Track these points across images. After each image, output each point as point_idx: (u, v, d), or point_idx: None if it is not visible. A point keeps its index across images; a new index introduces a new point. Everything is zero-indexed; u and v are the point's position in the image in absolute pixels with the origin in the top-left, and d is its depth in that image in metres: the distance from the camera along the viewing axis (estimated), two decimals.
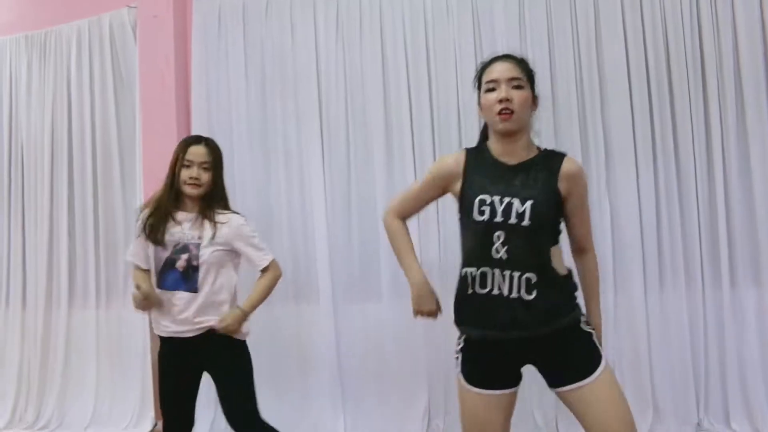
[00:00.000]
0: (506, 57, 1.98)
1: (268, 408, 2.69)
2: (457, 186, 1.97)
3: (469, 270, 1.90)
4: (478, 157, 1.97)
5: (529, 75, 1.96)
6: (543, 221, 1.87)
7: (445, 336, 3.61)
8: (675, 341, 3.48)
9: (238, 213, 2.59)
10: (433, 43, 3.80)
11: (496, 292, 1.86)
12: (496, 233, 1.86)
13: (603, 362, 1.88)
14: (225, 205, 2.57)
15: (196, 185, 2.47)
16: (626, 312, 3.50)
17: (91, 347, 4.25)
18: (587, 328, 1.93)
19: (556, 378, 1.91)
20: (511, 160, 1.92)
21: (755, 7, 3.49)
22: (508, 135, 1.91)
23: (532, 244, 1.86)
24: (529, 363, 1.95)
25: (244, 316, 2.49)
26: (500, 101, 1.87)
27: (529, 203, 1.85)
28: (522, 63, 1.97)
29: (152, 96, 4.06)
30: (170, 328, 2.47)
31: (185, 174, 2.47)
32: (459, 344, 1.99)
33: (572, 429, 3.11)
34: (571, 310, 1.91)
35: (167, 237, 2.44)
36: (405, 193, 2.15)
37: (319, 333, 3.83)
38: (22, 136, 4.47)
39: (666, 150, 3.54)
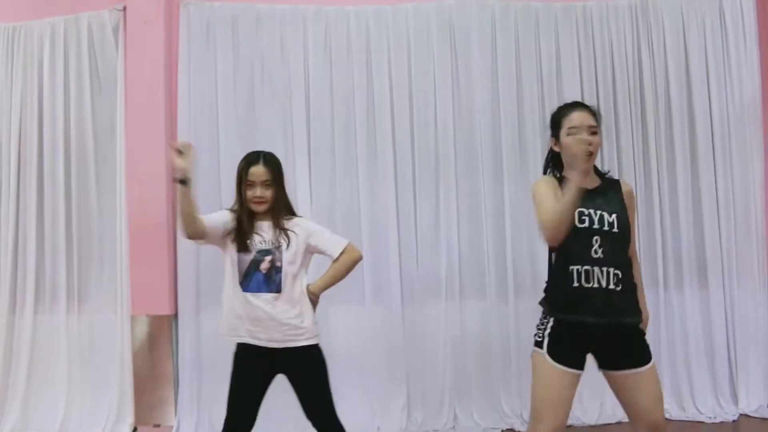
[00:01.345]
0: (583, 106, 2.45)
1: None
2: None
3: (575, 267, 2.31)
4: (563, 183, 2.40)
5: (599, 122, 2.44)
6: (626, 229, 2.36)
7: (421, 335, 4.05)
8: None
9: (300, 216, 2.79)
10: (414, 64, 4.18)
11: (596, 285, 2.30)
12: (595, 237, 2.31)
13: (653, 359, 2.36)
14: (291, 212, 2.76)
15: (261, 203, 2.65)
16: None
17: (62, 352, 4.15)
18: (643, 329, 2.43)
19: (615, 362, 2.35)
20: (589, 186, 2.38)
21: (681, 56, 4.23)
22: (586, 171, 2.34)
23: (620, 247, 2.34)
24: (592, 351, 2.38)
25: (315, 298, 2.65)
26: (588, 143, 2.29)
27: (615, 215, 2.34)
28: (596, 112, 2.45)
29: (139, 100, 4.08)
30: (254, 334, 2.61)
31: (250, 194, 2.65)
32: (545, 326, 2.38)
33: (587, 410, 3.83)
34: (638, 310, 2.39)
35: (250, 243, 2.62)
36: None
37: None
38: None
39: (611, 169, 4.15)
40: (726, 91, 4.21)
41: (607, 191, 2.42)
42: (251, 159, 2.71)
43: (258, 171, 2.66)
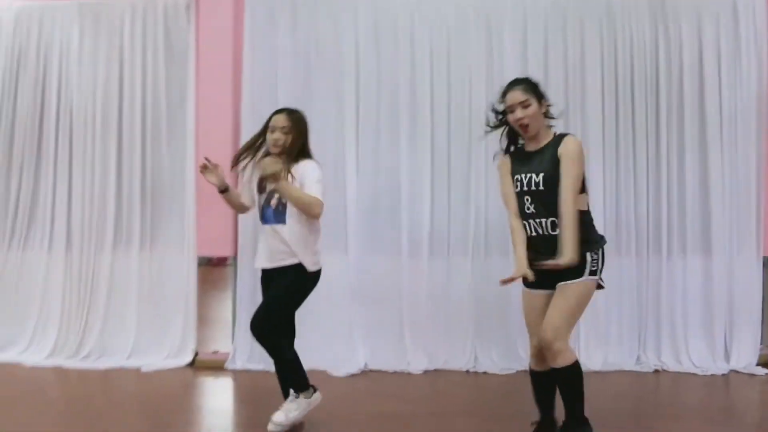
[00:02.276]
0: (516, 84, 2.91)
1: (302, 339, 3.48)
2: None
3: (522, 221, 2.91)
4: (517, 154, 2.96)
5: (535, 90, 2.90)
6: (553, 184, 2.78)
7: (450, 285, 4.58)
8: (625, 295, 4.58)
9: (314, 161, 3.29)
10: (453, 50, 4.70)
11: (534, 233, 2.85)
12: (526, 197, 2.85)
13: (579, 278, 2.77)
14: (306, 156, 3.27)
15: (276, 146, 3.21)
16: None
17: (134, 287, 4.80)
18: (589, 257, 2.82)
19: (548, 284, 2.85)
20: (534, 148, 2.91)
21: (695, 50, 4.67)
22: (531, 137, 2.90)
23: (551, 200, 2.78)
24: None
25: (278, 179, 3.09)
26: (518, 120, 2.85)
27: (542, 175, 2.80)
28: (528, 84, 2.90)
29: (208, 70, 4.70)
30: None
31: (270, 137, 3.23)
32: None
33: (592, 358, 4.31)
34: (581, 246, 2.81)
35: (265, 183, 3.22)
36: (503, 197, 3.00)
37: (346, 279, 4.62)
38: (72, 97, 4.88)
39: (626, 153, 4.65)
40: (736, 83, 4.64)
41: (546, 151, 2.85)
42: (277, 110, 3.30)
43: (279, 118, 3.23)
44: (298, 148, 3.24)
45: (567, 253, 2.72)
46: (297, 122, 3.26)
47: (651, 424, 3.47)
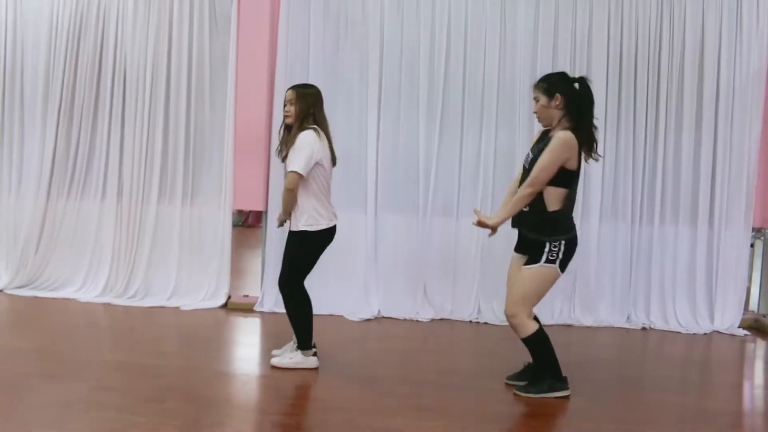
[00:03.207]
0: (538, 81, 3.36)
1: (323, 287, 3.95)
2: None
3: None
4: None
5: (544, 88, 3.30)
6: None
7: (459, 243, 5.03)
8: (619, 259, 4.99)
9: (313, 130, 3.59)
10: (470, 25, 5.09)
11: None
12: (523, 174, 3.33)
13: (534, 265, 3.21)
14: (314, 127, 3.62)
15: (288, 116, 3.65)
16: (586, 237, 4.95)
17: (176, 235, 5.37)
18: (548, 246, 3.20)
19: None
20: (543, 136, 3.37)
21: (698, 31, 4.98)
22: (544, 125, 3.36)
23: None
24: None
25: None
26: (534, 112, 3.35)
27: (532, 157, 3.28)
28: (540, 82, 3.32)
29: (248, 39, 5.18)
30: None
31: (284, 111, 3.68)
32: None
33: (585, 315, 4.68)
34: (539, 232, 3.23)
35: (280, 151, 3.67)
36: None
37: (364, 235, 5.11)
38: (125, 59, 5.40)
39: (627, 127, 5.01)
40: (735, 63, 4.95)
41: (546, 138, 3.27)
42: (290, 87, 3.73)
43: (289, 93, 3.67)
44: (304, 117, 3.62)
45: (492, 216, 3.32)
46: (303, 95, 3.63)
47: (623, 369, 3.92)
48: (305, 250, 3.64)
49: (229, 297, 5.28)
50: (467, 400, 3.27)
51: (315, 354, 3.71)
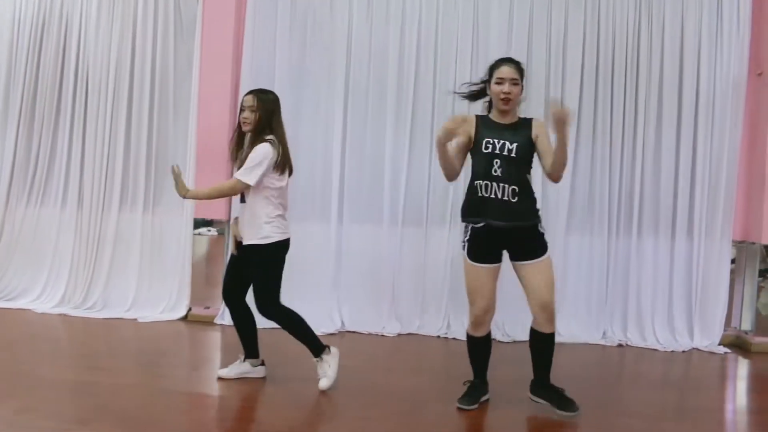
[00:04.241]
0: (510, 61, 3.16)
1: (284, 298, 3.59)
2: (472, 133, 3.15)
3: (478, 182, 3.06)
4: (484, 120, 3.18)
5: (522, 74, 3.14)
6: (524, 155, 3.09)
7: (428, 253, 4.83)
8: (595, 273, 4.77)
9: (270, 142, 3.40)
10: (441, 27, 4.90)
11: (493, 196, 3.04)
12: (495, 160, 3.03)
13: (547, 253, 3.09)
14: (272, 139, 3.43)
15: (246, 123, 3.43)
16: (562, 249, 4.74)
17: (136, 245, 5.18)
18: (541, 230, 3.13)
19: (518, 256, 3.11)
20: (504, 122, 3.14)
21: (677, 35, 4.78)
22: (505, 111, 3.12)
23: (518, 169, 3.06)
24: (505, 248, 3.13)
25: (183, 192, 3.36)
26: (504, 93, 3.07)
27: (516, 145, 3.05)
28: (519, 66, 3.15)
29: (212, 44, 5.01)
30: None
31: (240, 116, 3.47)
32: (466, 235, 3.15)
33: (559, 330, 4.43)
34: (535, 216, 3.11)
35: (236, 162, 3.47)
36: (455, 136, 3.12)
37: (328, 245, 4.91)
38: (88, 63, 5.24)
39: (603, 134, 4.80)
40: (715, 69, 4.74)
41: (518, 127, 3.12)
42: (248, 92, 3.52)
43: (248, 99, 3.46)
44: (262, 127, 3.44)
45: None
46: (264, 102, 3.44)
47: (595, 390, 3.70)
48: (269, 264, 3.44)
49: (190, 309, 5.08)
50: (420, 426, 3.05)
51: (263, 363, 3.61)
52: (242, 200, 3.47)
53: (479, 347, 3.32)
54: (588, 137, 4.78)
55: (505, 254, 3.18)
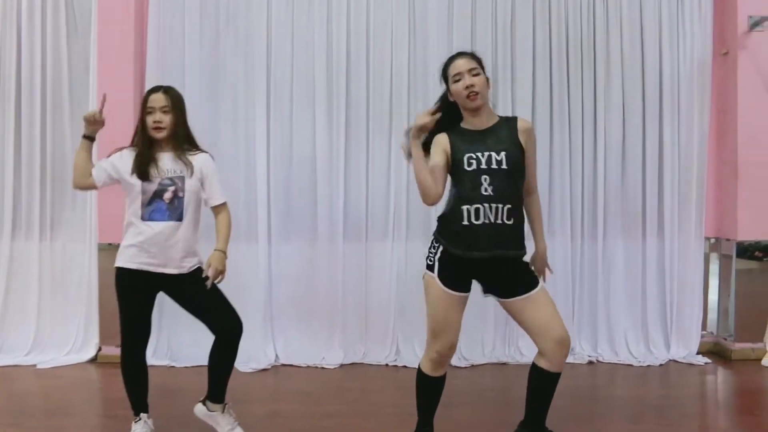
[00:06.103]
0: (462, 54, 2.60)
1: (205, 338, 3.00)
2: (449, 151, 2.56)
3: (465, 207, 2.48)
4: (456, 132, 2.58)
5: (481, 63, 2.58)
6: (516, 164, 2.50)
7: (369, 271, 4.26)
8: (559, 282, 4.25)
9: (205, 152, 2.92)
10: (373, 14, 4.31)
11: (486, 221, 2.46)
12: (483, 176, 2.46)
13: (541, 282, 2.56)
14: (193, 144, 2.90)
15: (159, 128, 2.79)
16: None
17: (34, 277, 4.46)
18: (543, 257, 2.67)
19: (508, 291, 2.54)
20: (481, 127, 2.55)
21: (636, 15, 4.31)
22: (476, 110, 2.53)
23: (511, 182, 2.49)
24: (477, 278, 2.57)
25: (225, 255, 2.81)
26: (467, 87, 2.49)
27: (503, 153, 2.48)
28: (474, 55, 2.60)
29: (111, 41, 4.31)
30: (149, 261, 2.76)
31: (149, 120, 2.81)
32: (436, 251, 2.57)
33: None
34: (522, 244, 2.55)
35: (153, 172, 2.77)
36: (431, 168, 2.55)
37: (255, 267, 4.27)
38: None
39: (561, 127, 4.30)
40: (678, 51, 4.30)
41: (499, 130, 2.56)
42: (152, 89, 2.88)
43: (157, 97, 2.82)
44: (181, 130, 2.86)
45: (544, 246, 2.70)
46: (176, 100, 2.87)
47: (564, 418, 3.17)
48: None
49: (100, 349, 4.39)
50: None
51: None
52: (179, 218, 2.79)
53: (433, 389, 2.72)
54: (545, 130, 4.26)
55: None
